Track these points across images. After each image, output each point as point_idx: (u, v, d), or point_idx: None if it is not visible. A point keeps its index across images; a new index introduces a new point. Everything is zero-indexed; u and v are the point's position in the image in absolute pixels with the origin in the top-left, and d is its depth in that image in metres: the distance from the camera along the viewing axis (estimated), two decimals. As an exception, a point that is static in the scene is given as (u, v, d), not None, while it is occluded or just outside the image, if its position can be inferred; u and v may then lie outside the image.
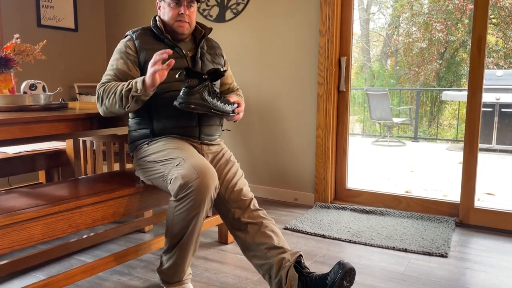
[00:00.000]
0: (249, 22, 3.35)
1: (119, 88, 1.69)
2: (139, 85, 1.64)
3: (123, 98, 1.66)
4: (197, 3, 1.93)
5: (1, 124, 1.54)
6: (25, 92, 1.91)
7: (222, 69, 1.77)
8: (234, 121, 1.94)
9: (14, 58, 1.91)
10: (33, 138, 1.88)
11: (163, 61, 1.65)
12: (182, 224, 1.61)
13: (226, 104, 1.78)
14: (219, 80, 2.00)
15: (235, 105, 1.84)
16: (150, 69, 1.61)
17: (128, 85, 1.68)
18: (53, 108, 1.90)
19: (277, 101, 3.29)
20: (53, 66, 3.69)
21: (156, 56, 1.60)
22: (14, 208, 1.54)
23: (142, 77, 1.66)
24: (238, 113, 1.87)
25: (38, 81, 1.96)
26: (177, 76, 1.68)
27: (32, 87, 1.92)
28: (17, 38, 1.95)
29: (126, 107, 1.68)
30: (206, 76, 1.70)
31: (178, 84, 1.75)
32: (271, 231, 1.73)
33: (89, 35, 4.00)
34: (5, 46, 1.93)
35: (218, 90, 1.85)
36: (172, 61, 1.61)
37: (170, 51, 1.61)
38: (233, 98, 1.88)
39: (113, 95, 1.70)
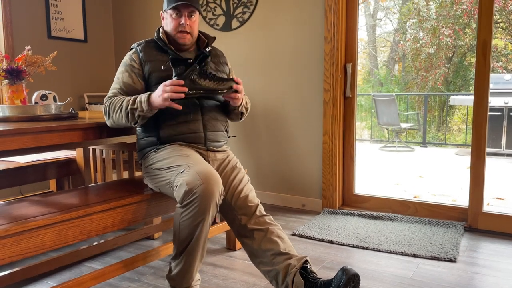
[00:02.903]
0: (255, 31, 3.38)
1: (124, 104, 1.76)
2: (144, 106, 1.71)
3: (129, 115, 1.74)
4: (199, 13, 1.96)
5: (14, 134, 1.58)
6: (36, 103, 1.95)
7: (207, 50, 1.77)
8: (236, 109, 1.92)
9: (25, 70, 1.95)
10: (44, 147, 1.92)
11: (166, 67, 1.77)
12: (188, 230, 1.63)
13: (223, 82, 1.73)
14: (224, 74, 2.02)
15: (233, 82, 1.76)
16: (164, 94, 1.66)
17: (133, 103, 1.73)
18: (63, 117, 1.95)
19: (283, 108, 3.31)
20: (64, 76, 3.76)
21: (175, 94, 1.66)
22: (26, 216, 1.57)
23: (146, 96, 1.72)
24: (236, 90, 1.79)
25: (49, 92, 2.00)
26: (162, 67, 1.70)
27: (43, 97, 1.97)
28: (28, 50, 2.00)
29: (132, 123, 1.77)
30: (191, 60, 1.68)
31: None
32: (277, 236, 1.75)
33: (98, 46, 4.06)
34: (17, 57, 1.98)
35: (212, 71, 1.82)
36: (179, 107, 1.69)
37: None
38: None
39: (119, 110, 1.76)
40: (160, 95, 1.68)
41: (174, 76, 1.68)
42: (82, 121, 1.91)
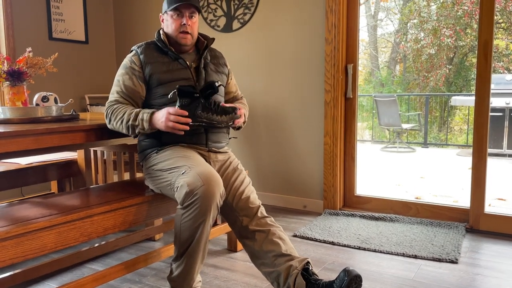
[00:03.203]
0: (256, 32, 3.38)
1: (125, 117, 1.77)
2: (145, 125, 1.74)
3: (129, 128, 1.78)
4: (199, 14, 1.97)
5: (15, 136, 1.58)
6: (37, 104, 1.95)
7: (216, 84, 1.77)
8: (237, 129, 1.97)
9: (26, 71, 1.96)
10: (45, 149, 1.92)
11: (167, 69, 1.81)
12: (189, 232, 1.63)
13: (224, 115, 1.77)
14: (222, 89, 2.02)
15: (235, 114, 1.79)
16: (168, 122, 1.70)
17: (135, 119, 1.76)
18: (64, 119, 1.95)
19: (284, 109, 3.31)
20: (65, 78, 3.76)
21: (178, 125, 1.70)
22: (27, 217, 1.57)
23: (149, 115, 1.74)
24: (237, 119, 1.83)
25: (50, 93, 2.01)
26: (169, 96, 1.74)
27: (44, 99, 1.97)
28: (29, 52, 2.00)
29: (132, 136, 1.83)
30: (198, 94, 1.73)
31: None
32: (279, 238, 1.75)
33: (100, 48, 4.07)
34: (18, 59, 1.98)
35: (220, 101, 1.85)
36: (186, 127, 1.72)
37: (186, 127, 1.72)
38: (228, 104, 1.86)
39: (120, 121, 1.79)
40: (163, 121, 1.71)
41: (178, 107, 1.72)
42: (83, 122, 1.91)
